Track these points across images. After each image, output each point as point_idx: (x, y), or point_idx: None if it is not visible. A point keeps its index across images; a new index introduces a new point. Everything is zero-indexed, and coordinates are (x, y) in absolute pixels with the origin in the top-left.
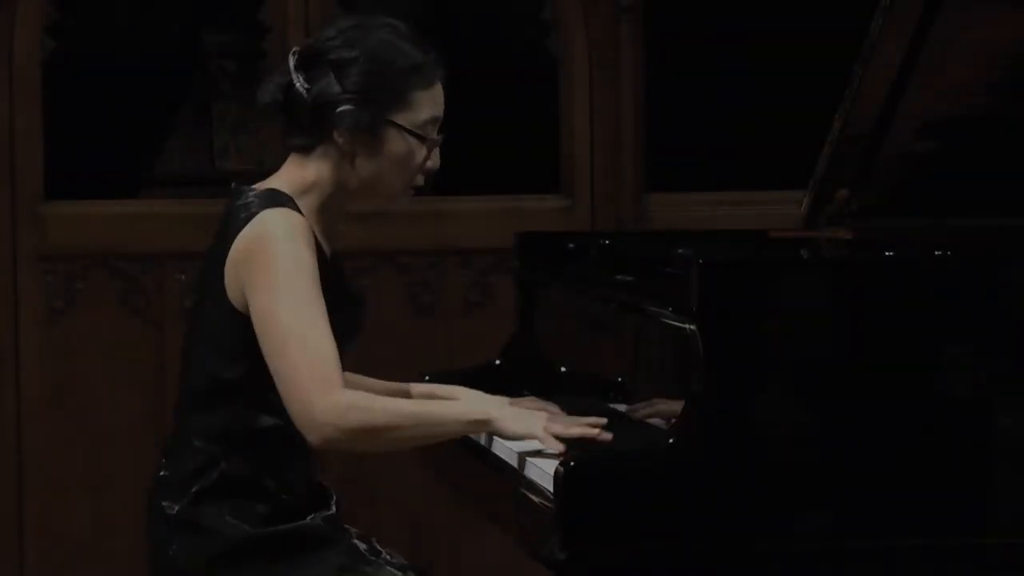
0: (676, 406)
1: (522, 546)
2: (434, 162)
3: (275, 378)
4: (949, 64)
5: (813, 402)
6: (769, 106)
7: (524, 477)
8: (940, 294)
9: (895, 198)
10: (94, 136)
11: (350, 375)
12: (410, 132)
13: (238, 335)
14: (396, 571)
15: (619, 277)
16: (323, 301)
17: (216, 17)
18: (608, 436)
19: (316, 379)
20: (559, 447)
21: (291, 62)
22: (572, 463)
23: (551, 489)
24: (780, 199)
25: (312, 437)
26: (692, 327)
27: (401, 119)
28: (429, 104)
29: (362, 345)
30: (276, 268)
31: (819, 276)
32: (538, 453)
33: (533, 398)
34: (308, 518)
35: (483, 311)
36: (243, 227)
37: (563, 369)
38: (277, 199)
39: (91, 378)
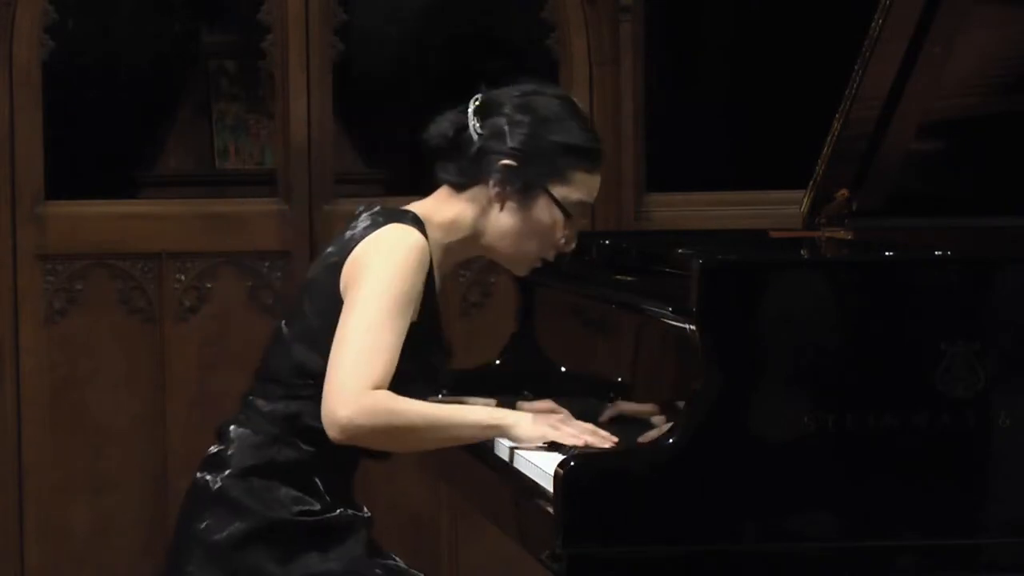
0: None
1: (522, 546)
2: (571, 245)
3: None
4: (949, 64)
5: (813, 402)
6: (769, 106)
7: (521, 474)
8: (940, 294)
9: (895, 198)
10: (94, 136)
11: None
12: (559, 205)
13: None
14: (415, 572)
15: (619, 277)
16: (406, 322)
17: (216, 17)
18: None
19: (357, 378)
20: (576, 442)
21: (471, 106)
22: (572, 463)
23: (551, 489)
24: (780, 199)
25: (332, 431)
26: (692, 327)
27: (555, 191)
28: (585, 187)
29: None
30: (378, 272)
31: (819, 276)
32: (529, 448)
33: (547, 401)
34: (338, 511)
35: (483, 311)
36: (370, 232)
37: (563, 369)
38: (405, 217)
39: (91, 378)
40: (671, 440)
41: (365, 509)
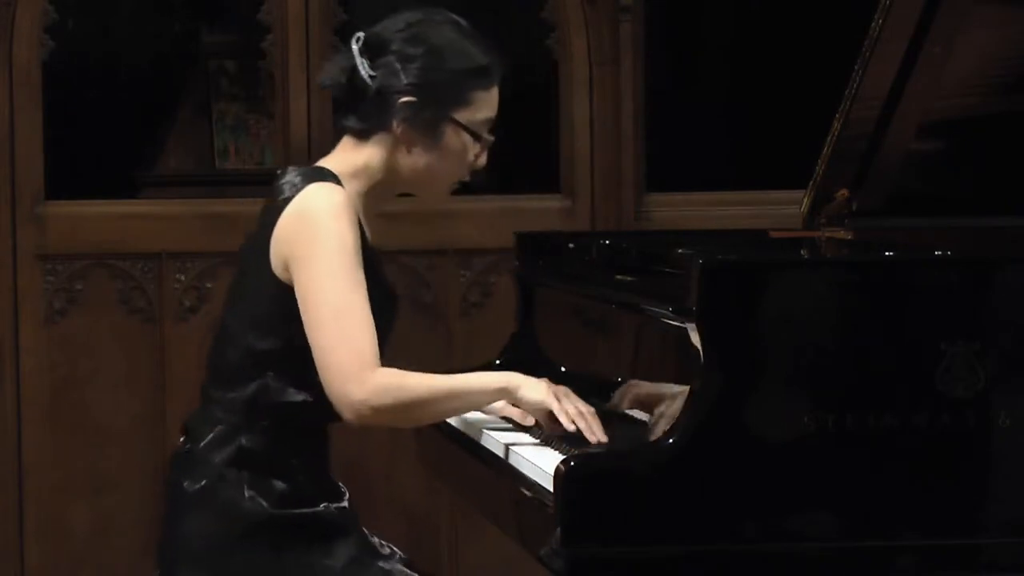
0: (652, 388)
1: (522, 546)
2: (482, 161)
3: (314, 353)
4: (949, 64)
5: (813, 402)
6: (769, 106)
7: (521, 473)
8: (940, 294)
9: (895, 198)
10: (94, 136)
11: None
12: (467, 130)
13: (279, 306)
14: (409, 572)
15: (619, 277)
16: (364, 279)
17: (216, 17)
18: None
19: (354, 357)
20: (569, 425)
21: (355, 47)
22: (572, 462)
23: (551, 489)
24: (780, 199)
25: (347, 414)
26: (692, 327)
27: (460, 116)
28: (487, 104)
29: None
30: (320, 243)
31: (819, 276)
32: (524, 444)
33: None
34: (322, 506)
35: (483, 311)
36: (290, 201)
37: (563, 369)
38: (322, 175)
39: (91, 378)
40: (671, 440)
41: (343, 488)
